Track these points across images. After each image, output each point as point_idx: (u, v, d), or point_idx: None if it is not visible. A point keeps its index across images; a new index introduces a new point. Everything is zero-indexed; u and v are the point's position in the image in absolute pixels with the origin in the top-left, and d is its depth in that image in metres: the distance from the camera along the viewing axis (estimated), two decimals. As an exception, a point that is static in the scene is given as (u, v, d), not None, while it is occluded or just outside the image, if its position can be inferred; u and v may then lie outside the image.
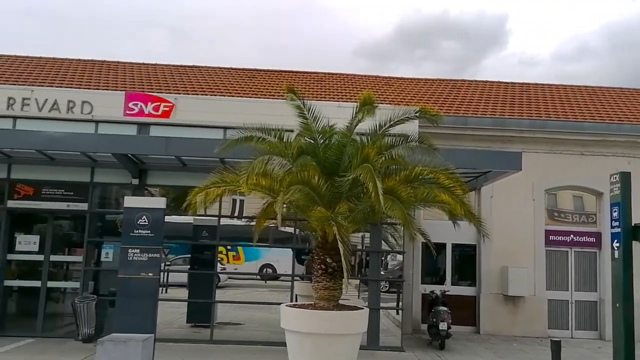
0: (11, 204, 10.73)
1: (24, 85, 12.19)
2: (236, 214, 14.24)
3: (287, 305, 7.76)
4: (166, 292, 15.31)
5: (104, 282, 11.22)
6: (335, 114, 8.51)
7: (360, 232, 11.31)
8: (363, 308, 7.74)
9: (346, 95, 14.62)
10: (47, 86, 12.60)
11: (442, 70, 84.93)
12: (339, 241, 6.75)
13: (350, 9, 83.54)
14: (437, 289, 12.17)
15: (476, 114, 14.21)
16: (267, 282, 18.24)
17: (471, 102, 15.21)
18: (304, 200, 7.33)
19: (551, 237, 13.53)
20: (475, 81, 17.49)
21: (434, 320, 10.89)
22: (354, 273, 12.13)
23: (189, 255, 13.22)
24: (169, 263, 16.41)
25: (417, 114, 7.83)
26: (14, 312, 11.33)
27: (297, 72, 17.22)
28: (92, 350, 8.85)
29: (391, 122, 7.70)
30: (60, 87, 12.85)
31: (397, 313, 12.56)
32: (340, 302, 7.57)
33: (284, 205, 7.41)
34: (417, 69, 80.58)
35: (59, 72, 14.52)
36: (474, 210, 8.18)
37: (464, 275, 13.78)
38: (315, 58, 72.81)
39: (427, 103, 13.91)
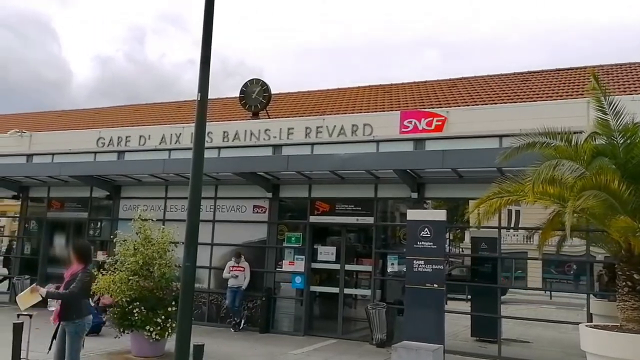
0: (312, 219, 12.33)
1: (317, 115, 13.97)
2: (512, 225, 13.58)
3: (586, 326, 7.04)
4: (446, 303, 15.42)
5: (390, 291, 11.96)
6: (630, 108, 7.45)
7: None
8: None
9: (641, 87, 12.64)
10: (335, 114, 14.19)
11: None
12: (649, 255, 5.86)
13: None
14: None
15: None
16: (553, 298, 16.80)
17: None
18: (600, 208, 6.58)
19: None
20: None
21: None
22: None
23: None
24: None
25: None
26: (317, 315, 12.92)
27: (576, 68, 15.62)
28: (386, 355, 9.51)
29: None
30: (345, 113, 14.32)
31: None
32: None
33: (574, 215, 6.77)
34: None
35: (343, 100, 16.24)
36: None
37: None
38: (604, 50, 64.61)
39: None
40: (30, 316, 6.99)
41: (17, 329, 6.93)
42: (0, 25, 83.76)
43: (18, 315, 7.22)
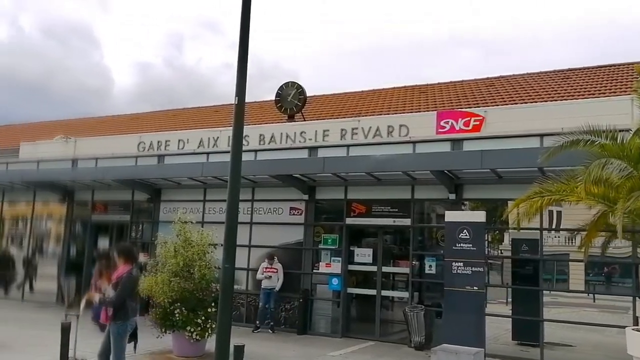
0: (349, 220, 12.32)
1: (352, 117, 13.97)
2: (553, 226, 13.24)
3: (633, 329, 6.81)
4: (485, 306, 15.13)
5: (427, 293, 11.85)
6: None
7: None
8: None
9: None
10: (370, 115, 14.16)
11: None
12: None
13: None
14: None
15: None
16: (596, 301, 16.20)
17: None
18: (647, 209, 6.37)
19: None
20: None
21: None
22: None
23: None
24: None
25: None
26: (355, 317, 12.90)
27: (618, 64, 15.15)
28: (424, 358, 9.42)
29: None
30: (381, 114, 14.27)
31: None
32: None
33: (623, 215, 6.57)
34: None
35: (378, 101, 16.21)
36: None
37: None
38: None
39: None
40: (77, 316, 7.21)
41: (65, 329, 7.17)
42: (46, 34, 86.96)
43: (66, 315, 7.46)
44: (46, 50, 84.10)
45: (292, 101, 14.67)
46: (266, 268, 12.40)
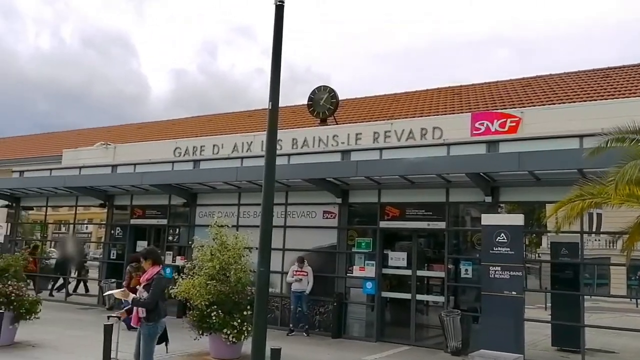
0: (382, 224, 12.26)
1: (385, 120, 13.93)
2: (594, 229, 12.87)
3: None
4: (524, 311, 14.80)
5: (463, 297, 11.68)
6: None
7: None
8: None
9: None
10: (403, 118, 14.09)
11: None
12: None
13: None
14: None
15: None
16: (639, 306, 15.56)
17: None
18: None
19: None
20: None
21: None
22: None
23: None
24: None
25: None
26: (389, 321, 12.81)
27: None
28: (461, 363, 9.28)
29: None
30: (414, 117, 14.19)
31: None
32: None
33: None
34: None
35: (411, 103, 16.11)
36: None
37: None
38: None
39: None
40: (119, 318, 7.39)
41: (108, 330, 7.36)
42: (86, 44, 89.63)
43: (108, 317, 7.66)
44: (86, 59, 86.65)
45: (324, 105, 14.73)
46: (296, 271, 12.45)
